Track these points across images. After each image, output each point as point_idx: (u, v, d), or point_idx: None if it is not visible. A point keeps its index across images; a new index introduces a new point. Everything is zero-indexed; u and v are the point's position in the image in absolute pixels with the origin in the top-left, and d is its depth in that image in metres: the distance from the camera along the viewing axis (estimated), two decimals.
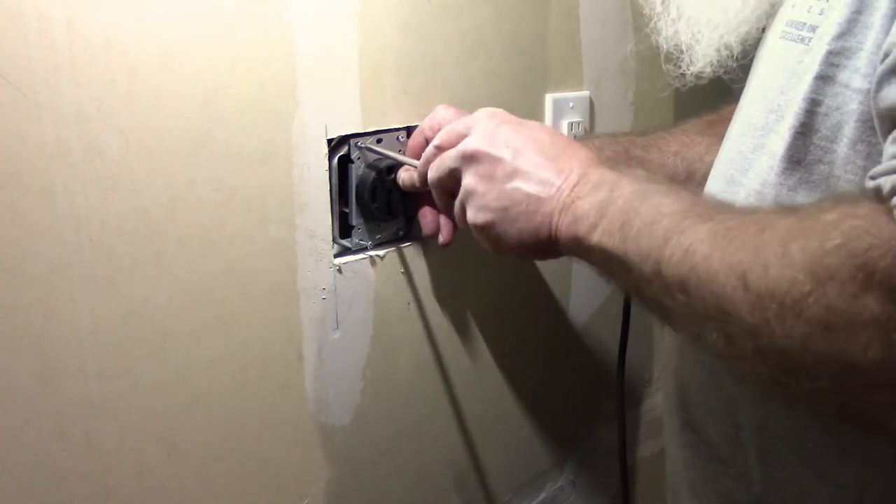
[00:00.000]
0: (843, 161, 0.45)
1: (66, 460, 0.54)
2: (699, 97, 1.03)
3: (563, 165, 0.53)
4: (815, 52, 0.46)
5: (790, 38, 0.50)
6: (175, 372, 0.59)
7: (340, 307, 0.68)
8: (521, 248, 0.55)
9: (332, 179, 0.66)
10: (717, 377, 0.56)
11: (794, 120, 0.47)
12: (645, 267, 0.45)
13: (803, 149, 0.47)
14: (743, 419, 0.54)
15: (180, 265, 0.57)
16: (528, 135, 0.56)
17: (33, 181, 0.49)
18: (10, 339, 0.50)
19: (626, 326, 0.92)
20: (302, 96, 0.62)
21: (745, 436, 0.54)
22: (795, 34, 0.49)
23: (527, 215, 0.53)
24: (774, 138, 0.49)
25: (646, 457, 1.15)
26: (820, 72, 0.46)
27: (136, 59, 0.52)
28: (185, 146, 0.56)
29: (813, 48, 0.47)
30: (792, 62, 0.49)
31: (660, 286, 0.44)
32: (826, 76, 0.45)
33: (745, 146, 0.53)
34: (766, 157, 0.50)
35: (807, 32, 0.48)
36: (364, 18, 0.64)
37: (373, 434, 0.74)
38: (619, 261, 0.47)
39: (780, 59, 0.50)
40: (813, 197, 0.47)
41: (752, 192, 0.51)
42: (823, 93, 0.46)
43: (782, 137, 0.48)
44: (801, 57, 0.48)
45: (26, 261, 0.50)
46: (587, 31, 0.86)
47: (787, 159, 0.48)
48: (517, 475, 0.93)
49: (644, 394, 1.12)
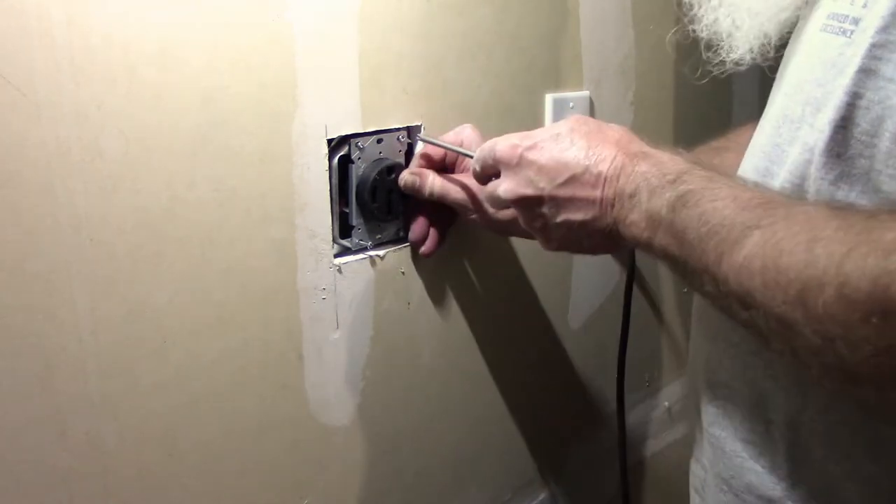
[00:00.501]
0: (884, 155, 0.45)
1: (66, 460, 0.54)
2: (699, 97, 1.03)
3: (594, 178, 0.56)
4: (858, 45, 0.46)
5: (831, 31, 0.49)
6: (175, 372, 0.59)
7: (340, 307, 0.68)
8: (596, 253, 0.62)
9: (333, 179, 0.66)
10: (749, 371, 0.56)
11: (835, 113, 0.47)
12: (705, 279, 0.47)
13: (843, 143, 0.47)
14: (774, 415, 0.55)
15: (180, 265, 0.57)
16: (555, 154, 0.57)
17: (33, 181, 0.49)
18: (10, 339, 0.50)
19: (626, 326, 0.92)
20: (302, 96, 0.62)
21: (775, 431, 0.55)
22: (837, 26, 0.49)
23: (586, 235, 0.58)
24: (809, 131, 0.49)
25: (646, 457, 1.15)
26: (863, 65, 0.45)
27: (136, 59, 0.52)
28: (185, 146, 0.56)
29: (855, 41, 0.46)
30: (832, 54, 0.48)
31: (723, 302, 0.46)
32: (869, 69, 0.45)
33: (780, 138, 0.53)
34: (803, 150, 0.50)
35: (849, 25, 0.48)
36: (364, 18, 0.64)
37: (373, 434, 0.74)
38: (684, 262, 0.50)
39: (820, 51, 0.50)
40: (854, 190, 0.46)
41: (788, 183, 0.51)
42: (866, 86, 0.45)
43: (821, 131, 0.48)
44: (843, 49, 0.47)
45: (26, 261, 0.50)
46: (587, 31, 0.86)
47: (827, 153, 0.48)
48: (517, 475, 0.93)
49: (644, 394, 1.12)
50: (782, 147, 0.53)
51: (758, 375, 0.55)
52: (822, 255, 0.39)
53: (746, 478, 0.57)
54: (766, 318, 0.42)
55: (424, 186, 0.68)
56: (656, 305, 1.09)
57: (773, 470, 0.55)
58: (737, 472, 0.58)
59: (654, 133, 0.54)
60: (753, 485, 0.56)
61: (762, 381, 0.55)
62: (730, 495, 0.59)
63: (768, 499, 0.56)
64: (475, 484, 0.87)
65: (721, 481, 0.60)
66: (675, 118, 1.01)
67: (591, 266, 0.95)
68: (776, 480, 0.55)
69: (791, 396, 0.53)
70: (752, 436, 0.56)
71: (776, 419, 0.54)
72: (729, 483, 0.59)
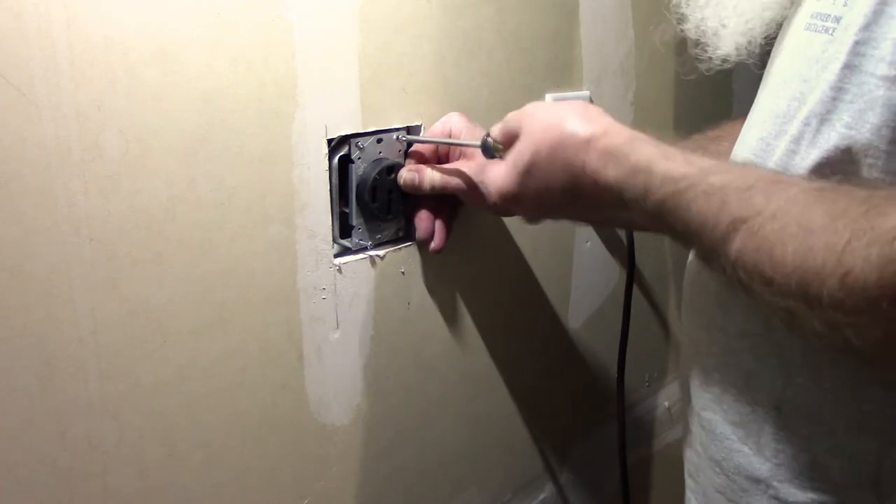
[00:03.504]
0: (863, 147, 0.47)
1: (66, 460, 0.54)
2: (699, 97, 1.03)
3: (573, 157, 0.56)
4: (841, 42, 0.48)
5: (814, 29, 0.51)
6: (175, 372, 0.59)
7: (340, 307, 0.68)
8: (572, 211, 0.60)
9: (333, 179, 0.66)
10: (736, 354, 0.58)
11: (819, 107, 0.49)
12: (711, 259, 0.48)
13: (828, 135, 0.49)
14: (759, 395, 0.56)
15: (180, 265, 0.57)
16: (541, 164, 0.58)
17: (33, 181, 0.49)
18: (10, 339, 0.50)
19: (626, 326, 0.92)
20: (302, 96, 0.62)
21: (760, 412, 0.56)
22: (820, 25, 0.51)
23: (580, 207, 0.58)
24: (796, 124, 0.51)
25: (646, 457, 1.15)
26: (847, 61, 0.47)
27: (136, 59, 0.52)
28: (185, 146, 0.56)
29: (837, 38, 0.49)
30: (816, 52, 0.51)
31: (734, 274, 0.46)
32: (853, 65, 0.47)
33: (766, 132, 0.55)
34: (789, 143, 0.52)
35: (831, 23, 0.50)
36: (364, 18, 0.64)
37: (373, 434, 0.74)
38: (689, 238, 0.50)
39: (804, 49, 0.52)
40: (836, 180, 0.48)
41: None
42: (850, 81, 0.47)
43: (806, 124, 0.50)
44: (826, 47, 0.50)
45: (26, 261, 0.50)
46: (587, 31, 0.86)
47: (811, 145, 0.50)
48: (517, 475, 0.93)
49: (644, 394, 1.12)
50: (768, 141, 0.54)
51: (743, 358, 0.57)
52: (819, 248, 0.40)
53: (736, 459, 0.59)
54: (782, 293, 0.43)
55: (424, 181, 0.68)
56: (656, 305, 1.09)
57: (760, 450, 0.57)
58: (727, 454, 0.59)
59: (654, 133, 0.54)
60: (742, 466, 0.58)
61: (748, 363, 0.57)
62: (722, 477, 0.60)
63: (756, 479, 0.57)
64: (475, 484, 0.87)
65: (714, 463, 0.61)
66: (675, 118, 1.01)
67: (591, 266, 0.95)
68: (762, 461, 0.56)
69: (775, 376, 0.55)
70: (739, 417, 0.58)
71: (761, 399, 0.56)
72: (721, 465, 0.60)
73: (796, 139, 0.51)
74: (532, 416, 0.92)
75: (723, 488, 0.60)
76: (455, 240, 0.75)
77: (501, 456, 0.90)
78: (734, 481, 0.59)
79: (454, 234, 0.74)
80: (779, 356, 0.54)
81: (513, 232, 0.83)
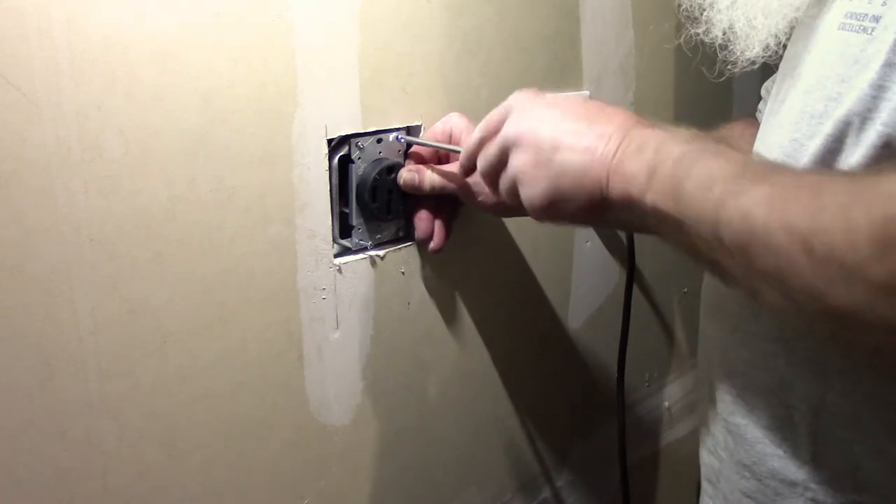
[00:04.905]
0: None
1: (66, 460, 0.54)
2: (699, 97, 1.03)
3: (602, 130, 0.54)
4: (882, 41, 0.48)
5: (850, 29, 0.51)
6: (175, 372, 0.59)
7: (340, 307, 0.68)
8: (577, 218, 0.56)
9: (333, 179, 0.66)
10: (769, 359, 0.57)
11: (858, 105, 0.49)
12: (702, 229, 0.46)
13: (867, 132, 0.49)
14: (796, 400, 0.55)
15: (180, 265, 0.57)
16: (564, 106, 0.57)
17: (33, 181, 0.49)
18: (10, 339, 0.50)
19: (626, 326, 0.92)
20: (302, 96, 0.62)
21: (796, 416, 0.55)
22: (856, 25, 0.51)
23: (577, 186, 0.54)
24: (833, 124, 0.51)
25: (646, 457, 1.15)
26: (888, 59, 0.47)
27: (136, 59, 0.52)
28: (185, 146, 0.56)
29: (877, 37, 0.49)
30: (854, 51, 0.50)
31: (718, 248, 0.45)
32: (893, 63, 0.47)
33: (800, 133, 0.54)
34: (826, 142, 0.51)
35: (869, 23, 0.50)
36: (364, 18, 0.64)
37: (373, 434, 0.74)
38: (675, 222, 0.48)
39: (840, 49, 0.52)
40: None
41: None
42: (891, 79, 0.47)
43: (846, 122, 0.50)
44: (865, 46, 0.49)
45: (26, 261, 0.50)
46: (587, 31, 0.86)
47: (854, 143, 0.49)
48: (517, 475, 0.93)
49: (644, 394, 1.12)
50: (801, 142, 0.54)
51: (779, 363, 0.56)
52: (830, 204, 0.40)
53: (769, 463, 0.58)
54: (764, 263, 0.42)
55: (424, 181, 0.69)
56: (656, 305, 1.09)
57: (796, 454, 0.56)
58: (759, 459, 0.59)
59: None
60: (777, 469, 0.57)
61: (783, 368, 0.56)
62: (752, 481, 0.60)
63: (791, 482, 0.57)
64: (475, 484, 0.87)
65: (742, 468, 0.60)
66: (676, 118, 1.01)
67: (591, 266, 0.95)
68: (799, 464, 0.56)
69: (813, 381, 0.54)
70: (773, 422, 0.57)
71: (798, 404, 0.55)
72: (751, 469, 0.60)
73: (837, 138, 0.50)
74: (532, 416, 0.92)
75: (752, 492, 0.60)
76: (455, 240, 0.75)
77: (501, 456, 0.90)
78: (767, 485, 0.58)
79: (454, 234, 0.74)
80: (815, 362, 0.54)
81: (513, 232, 0.83)
